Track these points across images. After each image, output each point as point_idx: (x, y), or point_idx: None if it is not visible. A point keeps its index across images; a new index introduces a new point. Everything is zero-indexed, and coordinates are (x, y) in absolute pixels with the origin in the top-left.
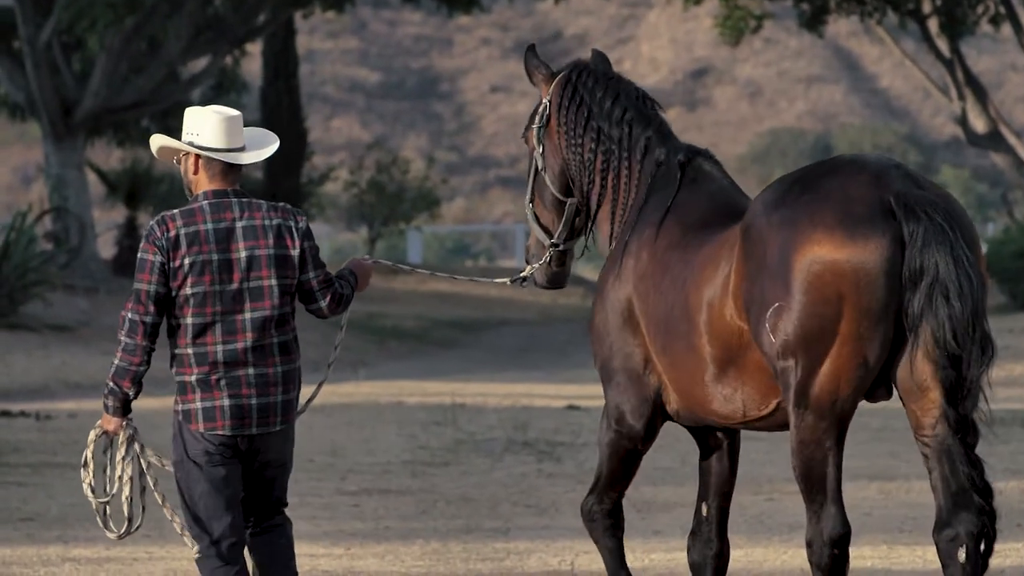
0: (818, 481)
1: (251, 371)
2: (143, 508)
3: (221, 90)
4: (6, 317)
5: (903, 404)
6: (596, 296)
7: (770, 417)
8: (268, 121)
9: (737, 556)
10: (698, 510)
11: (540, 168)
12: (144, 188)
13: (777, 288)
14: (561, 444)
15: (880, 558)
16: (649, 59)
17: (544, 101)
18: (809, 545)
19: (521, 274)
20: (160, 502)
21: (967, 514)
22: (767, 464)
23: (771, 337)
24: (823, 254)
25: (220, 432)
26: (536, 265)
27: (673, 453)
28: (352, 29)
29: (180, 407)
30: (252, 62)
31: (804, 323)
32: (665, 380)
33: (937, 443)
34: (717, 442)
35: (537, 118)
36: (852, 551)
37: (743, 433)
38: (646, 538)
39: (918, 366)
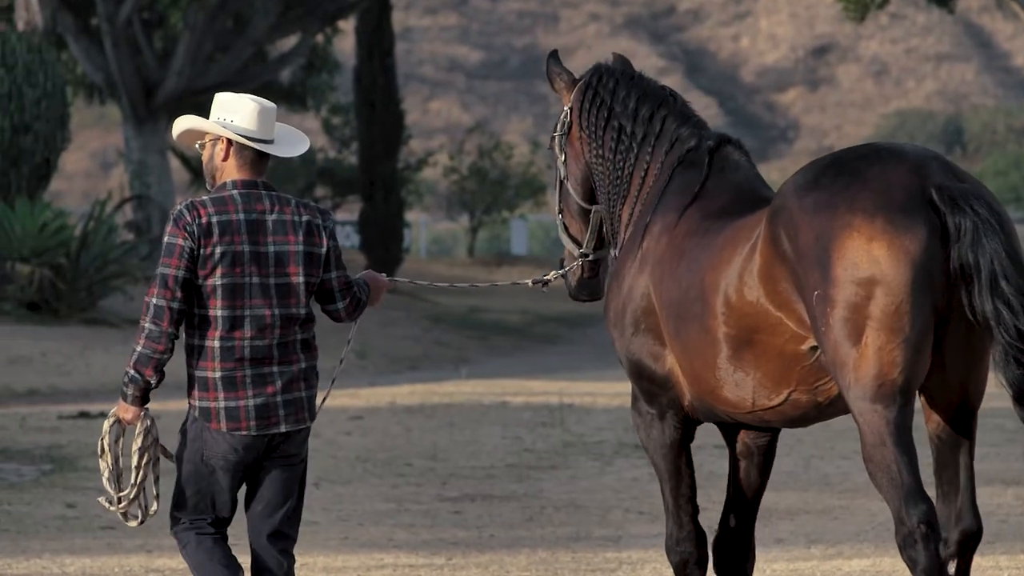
0: (886, 470)
1: (276, 368)
2: (157, 496)
3: (311, 70)
4: (85, 312)
5: (921, 394)
6: (611, 282)
7: (779, 408)
8: (362, 103)
9: (864, 566)
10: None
11: (563, 177)
12: None
13: (814, 276)
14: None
15: (1017, 568)
16: (768, 35)
17: (565, 109)
18: (902, 548)
19: (544, 277)
20: (147, 492)
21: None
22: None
23: (819, 328)
24: (862, 241)
25: (244, 432)
26: (562, 271)
27: (795, 457)
28: (452, 4)
29: (198, 403)
30: (345, 40)
31: (844, 312)
32: (677, 368)
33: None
34: (749, 444)
35: (559, 126)
36: (986, 560)
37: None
38: (767, 547)
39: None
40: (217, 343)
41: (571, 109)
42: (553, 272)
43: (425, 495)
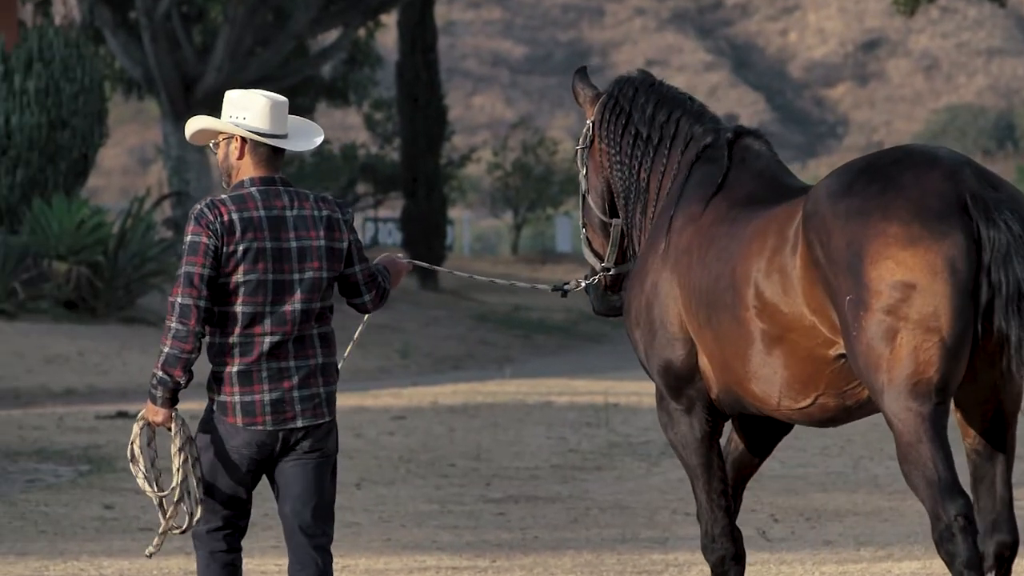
0: (922, 468)
1: (292, 363)
2: (199, 500)
3: (353, 64)
4: (123, 310)
5: (955, 405)
6: (632, 280)
7: (806, 409)
8: (405, 98)
9: (914, 569)
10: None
11: (584, 191)
12: None
13: (847, 282)
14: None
15: None
16: (816, 30)
17: (588, 122)
18: (939, 544)
19: (565, 285)
20: (192, 495)
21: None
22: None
23: (850, 334)
24: (898, 249)
25: (260, 427)
26: (583, 281)
27: (845, 458)
28: None
29: (216, 397)
30: (387, 34)
31: (878, 317)
32: (704, 360)
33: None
34: (760, 429)
35: (581, 139)
36: None
37: None
38: (816, 549)
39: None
40: (236, 339)
41: (593, 122)
42: (573, 281)
43: (468, 496)
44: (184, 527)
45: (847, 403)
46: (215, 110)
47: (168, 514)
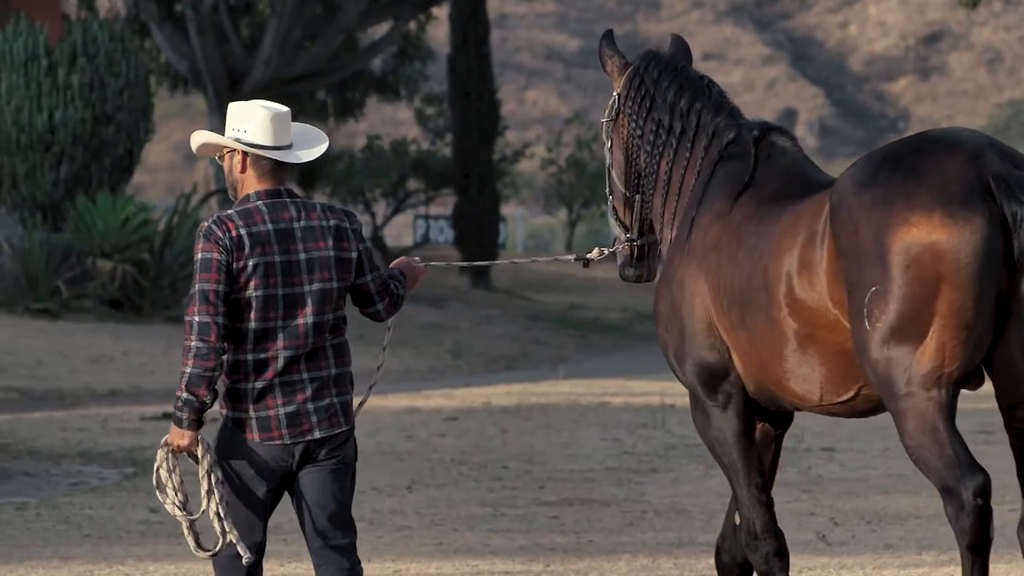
0: (938, 453)
1: (306, 375)
2: (229, 520)
3: (404, 58)
4: (168, 309)
5: (996, 391)
6: (660, 283)
7: (849, 403)
8: (457, 92)
9: None
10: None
11: (609, 164)
12: (320, 167)
13: (874, 272)
14: (783, 449)
15: None
16: (877, 23)
17: (615, 95)
18: (953, 520)
19: (588, 256)
20: (224, 517)
21: None
22: (1008, 471)
23: (867, 323)
24: (921, 236)
25: (278, 442)
26: (607, 250)
27: (906, 460)
28: None
29: (231, 414)
30: (438, 27)
31: (904, 307)
32: (737, 358)
33: None
34: (769, 432)
35: (607, 112)
36: None
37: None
38: (877, 553)
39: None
40: (251, 356)
41: (619, 96)
42: (596, 249)
43: (522, 499)
44: (214, 551)
45: None
46: None
47: (221, 531)
